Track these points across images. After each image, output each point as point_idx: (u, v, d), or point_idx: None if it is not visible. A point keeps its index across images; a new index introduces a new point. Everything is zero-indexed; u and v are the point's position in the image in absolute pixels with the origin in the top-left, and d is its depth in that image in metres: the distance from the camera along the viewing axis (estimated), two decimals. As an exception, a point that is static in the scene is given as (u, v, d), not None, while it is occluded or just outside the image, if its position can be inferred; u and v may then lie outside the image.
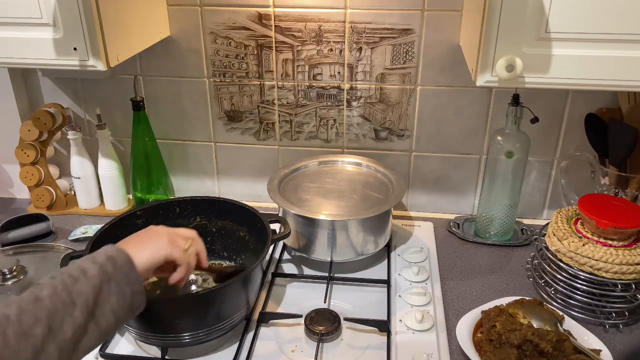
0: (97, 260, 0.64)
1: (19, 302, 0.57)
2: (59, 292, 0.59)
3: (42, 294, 0.58)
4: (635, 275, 0.89)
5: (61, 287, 0.59)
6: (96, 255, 0.65)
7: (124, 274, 0.65)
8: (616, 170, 1.04)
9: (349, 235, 1.03)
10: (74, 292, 0.59)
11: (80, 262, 0.64)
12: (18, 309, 0.56)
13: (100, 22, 0.87)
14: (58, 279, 0.60)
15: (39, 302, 0.57)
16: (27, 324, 0.55)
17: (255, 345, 0.89)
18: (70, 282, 0.60)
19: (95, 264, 0.63)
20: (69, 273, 0.61)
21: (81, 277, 0.61)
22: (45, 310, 0.57)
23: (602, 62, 0.75)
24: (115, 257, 0.65)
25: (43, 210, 1.26)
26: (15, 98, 1.24)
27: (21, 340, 0.54)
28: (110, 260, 0.64)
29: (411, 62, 1.12)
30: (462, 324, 0.89)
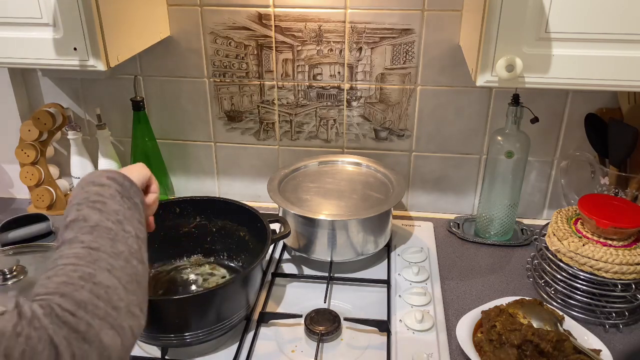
0: (104, 182, 0.63)
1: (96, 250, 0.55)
2: (105, 221, 0.58)
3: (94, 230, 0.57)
4: (635, 275, 0.89)
5: (104, 218, 0.59)
6: (95, 179, 0.64)
7: (132, 190, 0.66)
8: (616, 170, 1.04)
9: (349, 235, 1.03)
10: (111, 212, 0.60)
11: (88, 189, 0.62)
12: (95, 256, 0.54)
13: (100, 22, 0.87)
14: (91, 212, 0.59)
15: (95, 231, 0.56)
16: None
17: (255, 345, 0.89)
18: (101, 207, 0.60)
19: (103, 186, 0.63)
20: (92, 201, 0.60)
21: (104, 199, 0.61)
22: (110, 237, 0.57)
23: (602, 62, 0.75)
24: (115, 178, 0.65)
25: (43, 210, 1.26)
26: (15, 98, 1.24)
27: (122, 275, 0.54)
28: (114, 181, 0.64)
29: (411, 62, 1.12)
30: (462, 324, 0.89)
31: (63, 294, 0.48)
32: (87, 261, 0.52)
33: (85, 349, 0.45)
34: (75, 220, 0.57)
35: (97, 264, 0.52)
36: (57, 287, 0.48)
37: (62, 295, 0.48)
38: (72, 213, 0.58)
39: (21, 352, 0.42)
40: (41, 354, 0.43)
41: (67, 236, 0.56)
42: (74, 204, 0.60)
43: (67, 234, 0.56)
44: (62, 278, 0.50)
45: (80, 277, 0.50)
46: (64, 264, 0.51)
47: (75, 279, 0.50)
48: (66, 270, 0.50)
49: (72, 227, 0.56)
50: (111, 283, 0.51)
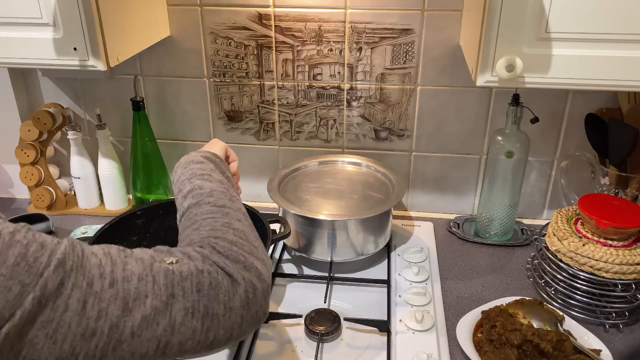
0: (202, 160, 0.73)
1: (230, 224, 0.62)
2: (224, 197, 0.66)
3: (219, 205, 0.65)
4: (635, 275, 0.89)
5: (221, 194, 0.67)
6: (193, 158, 0.74)
7: (222, 165, 0.76)
8: (616, 170, 1.04)
9: (349, 235, 1.03)
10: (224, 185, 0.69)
11: (190, 167, 0.72)
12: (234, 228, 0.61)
13: (100, 22, 0.87)
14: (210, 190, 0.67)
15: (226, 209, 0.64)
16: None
17: (255, 345, 0.89)
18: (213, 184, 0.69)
19: (203, 163, 0.73)
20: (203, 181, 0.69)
21: (209, 172, 0.70)
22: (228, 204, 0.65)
23: (602, 62, 0.75)
24: (209, 156, 0.75)
25: (43, 210, 1.26)
26: (15, 98, 1.24)
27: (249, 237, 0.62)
28: (208, 159, 0.75)
29: (411, 62, 1.12)
30: (462, 324, 0.89)
31: (216, 237, 0.57)
32: (221, 214, 0.61)
33: (248, 275, 0.55)
34: (192, 190, 0.66)
35: (229, 216, 0.61)
36: (208, 233, 0.58)
37: (216, 237, 0.57)
38: (186, 186, 0.67)
39: (209, 284, 0.52)
40: (222, 283, 0.52)
41: (191, 202, 0.64)
42: (184, 179, 0.69)
43: (189, 200, 0.65)
44: (208, 227, 0.59)
45: (222, 225, 0.59)
46: (203, 219, 0.60)
47: (219, 226, 0.59)
48: (208, 222, 0.60)
49: (191, 195, 0.65)
50: (244, 229, 0.61)
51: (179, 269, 0.51)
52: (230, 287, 0.53)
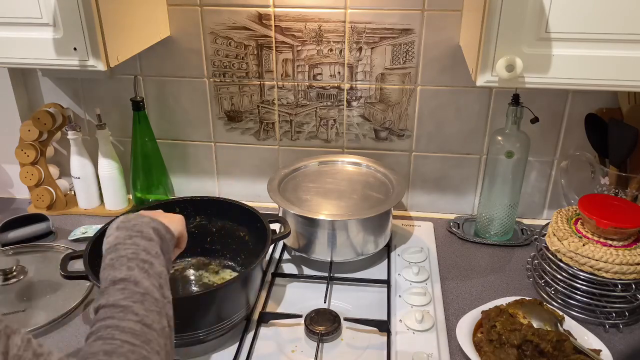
0: (152, 237, 0.67)
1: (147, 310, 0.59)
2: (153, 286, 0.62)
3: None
4: (635, 275, 0.89)
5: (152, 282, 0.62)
6: (142, 229, 0.67)
7: (170, 244, 0.71)
8: (616, 170, 1.04)
9: (349, 235, 1.03)
10: (156, 275, 0.63)
11: (137, 241, 0.65)
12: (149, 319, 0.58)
13: (100, 22, 0.87)
14: (141, 271, 0.62)
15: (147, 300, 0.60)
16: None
17: (255, 345, 0.89)
18: (148, 267, 0.63)
19: (151, 241, 0.66)
20: (141, 260, 0.63)
21: (152, 259, 0.64)
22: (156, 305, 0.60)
23: (602, 62, 0.75)
24: (159, 230, 0.69)
25: (43, 210, 1.26)
26: (15, 98, 1.24)
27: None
28: (157, 234, 0.68)
29: (411, 62, 1.12)
30: (462, 324, 0.89)
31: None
32: (142, 341, 0.55)
33: None
34: (126, 280, 0.60)
35: (149, 345, 0.56)
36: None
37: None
38: (122, 268, 0.61)
39: None
40: None
41: (118, 297, 0.58)
42: (123, 254, 0.63)
43: (118, 294, 0.58)
44: (121, 359, 0.53)
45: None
46: (122, 340, 0.54)
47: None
48: (124, 349, 0.53)
49: (122, 288, 0.59)
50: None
51: None
52: None
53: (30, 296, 0.99)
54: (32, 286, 1.01)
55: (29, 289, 1.01)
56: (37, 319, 0.93)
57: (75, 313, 0.96)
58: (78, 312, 0.96)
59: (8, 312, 0.95)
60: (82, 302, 0.98)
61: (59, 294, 0.99)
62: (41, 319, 0.93)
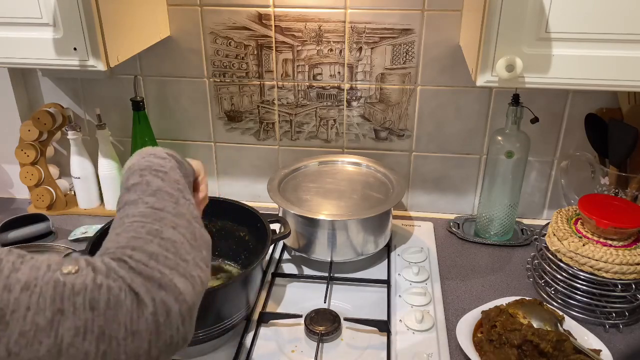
0: (164, 156, 0.65)
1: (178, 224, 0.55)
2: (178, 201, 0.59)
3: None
4: (635, 275, 0.89)
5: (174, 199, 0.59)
6: (156, 152, 0.65)
7: (189, 169, 0.69)
8: (616, 170, 1.04)
9: (349, 235, 1.03)
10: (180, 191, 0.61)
11: (150, 159, 0.63)
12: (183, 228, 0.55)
13: (100, 22, 0.87)
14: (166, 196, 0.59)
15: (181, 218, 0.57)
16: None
17: (255, 345, 0.89)
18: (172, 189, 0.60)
19: (165, 159, 0.64)
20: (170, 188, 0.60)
21: (167, 170, 0.62)
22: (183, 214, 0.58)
23: (602, 62, 0.75)
24: (174, 155, 0.67)
25: (43, 210, 1.26)
26: (15, 98, 1.24)
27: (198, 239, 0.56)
28: (173, 157, 0.66)
29: (411, 62, 1.12)
30: (462, 324, 0.89)
31: (134, 247, 0.49)
32: (153, 219, 0.53)
33: (161, 295, 0.47)
34: (138, 183, 0.58)
35: (162, 222, 0.53)
36: (127, 242, 0.50)
37: (133, 249, 0.49)
38: (134, 177, 0.59)
39: (106, 301, 0.44)
40: (124, 301, 0.45)
41: (129, 197, 0.57)
42: (135, 169, 0.61)
43: (130, 195, 0.57)
44: (131, 234, 0.51)
45: (148, 232, 0.52)
46: (131, 222, 0.53)
47: (143, 234, 0.51)
48: (134, 226, 0.52)
49: (134, 190, 0.58)
50: (177, 239, 0.53)
51: (73, 281, 0.44)
52: (134, 307, 0.45)
53: (30, 296, 0.99)
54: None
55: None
56: (37, 319, 0.93)
57: (75, 313, 0.96)
58: (78, 312, 0.96)
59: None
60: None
61: (59, 294, 0.99)
62: (41, 319, 0.93)
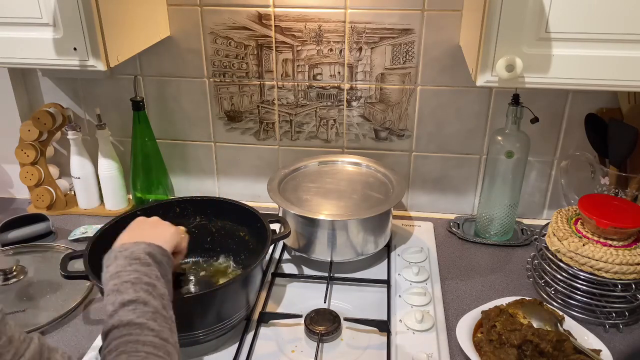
0: (149, 262, 0.70)
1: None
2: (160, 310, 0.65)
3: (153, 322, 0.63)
4: (635, 275, 0.89)
5: (157, 306, 0.65)
6: (140, 256, 0.69)
7: (167, 266, 0.73)
8: (616, 170, 1.04)
9: (349, 235, 1.03)
10: (160, 296, 0.67)
11: (137, 268, 0.68)
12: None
13: (100, 22, 0.87)
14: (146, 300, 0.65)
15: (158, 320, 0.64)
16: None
17: (255, 345, 0.89)
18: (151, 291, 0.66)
19: (150, 266, 0.69)
20: (146, 285, 0.66)
21: (154, 282, 0.67)
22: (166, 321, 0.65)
23: (602, 62, 0.75)
24: (155, 255, 0.71)
25: (43, 210, 1.26)
26: (15, 98, 1.24)
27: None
28: (154, 259, 0.71)
29: (411, 62, 1.12)
30: (462, 324, 0.89)
31: None
32: (164, 352, 0.60)
33: None
34: (136, 301, 0.63)
35: (171, 356, 0.60)
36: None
37: None
38: (129, 291, 0.64)
39: None
40: None
41: (132, 317, 0.61)
42: (127, 279, 0.65)
43: (130, 314, 0.62)
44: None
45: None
46: (147, 352, 0.58)
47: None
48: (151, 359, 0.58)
49: (134, 308, 0.62)
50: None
51: None
52: None
53: (30, 296, 0.99)
54: (32, 286, 1.01)
55: (29, 289, 1.01)
56: (37, 319, 0.93)
57: (75, 313, 0.96)
58: (78, 312, 0.96)
59: (8, 312, 0.95)
60: (82, 302, 0.98)
61: (59, 294, 0.99)
62: (41, 319, 0.93)
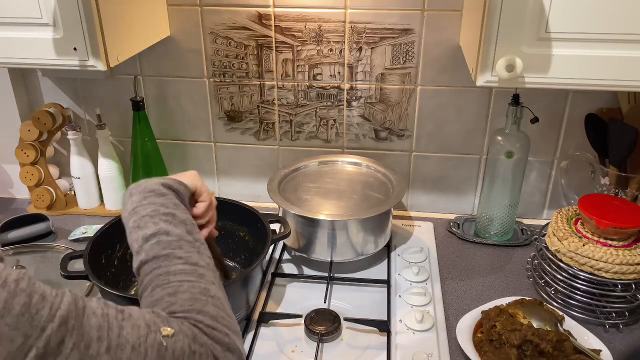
0: (165, 192, 0.68)
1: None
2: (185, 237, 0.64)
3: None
4: (635, 275, 0.89)
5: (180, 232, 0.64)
6: (153, 187, 0.68)
7: (185, 195, 0.72)
8: (616, 170, 1.04)
9: (349, 235, 1.03)
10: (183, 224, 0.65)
11: (152, 200, 0.66)
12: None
13: (100, 22, 0.87)
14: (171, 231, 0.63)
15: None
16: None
17: (255, 345, 0.89)
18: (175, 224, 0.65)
19: (165, 196, 0.67)
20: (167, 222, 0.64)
21: (172, 210, 0.66)
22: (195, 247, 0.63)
23: (602, 62, 0.75)
24: (171, 185, 0.70)
25: (43, 210, 1.26)
26: (15, 98, 1.24)
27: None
28: (170, 189, 0.69)
29: (411, 62, 1.12)
30: (462, 324, 0.89)
31: (199, 311, 0.55)
32: (196, 276, 0.59)
33: (231, 357, 0.54)
34: (157, 234, 0.62)
35: (204, 278, 0.59)
36: (190, 304, 0.56)
37: (198, 312, 0.55)
38: (149, 225, 0.63)
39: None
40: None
41: (158, 251, 0.60)
42: (144, 214, 0.64)
43: (155, 248, 0.61)
44: (187, 294, 0.56)
45: (201, 292, 0.57)
46: (179, 281, 0.58)
47: (197, 294, 0.57)
48: (185, 286, 0.57)
49: (157, 241, 0.61)
50: (220, 294, 0.59)
51: (173, 346, 0.50)
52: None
53: (30, 296, 0.99)
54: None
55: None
56: (37, 319, 0.93)
57: (75, 313, 0.96)
58: (78, 312, 0.96)
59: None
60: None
61: (59, 294, 0.99)
62: (41, 319, 0.93)
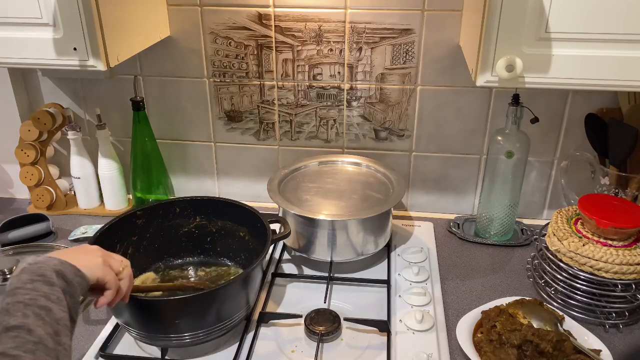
0: (54, 282, 0.63)
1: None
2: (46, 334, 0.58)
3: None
4: (635, 275, 0.89)
5: (44, 327, 0.58)
6: (46, 272, 0.63)
7: (79, 287, 0.66)
8: (616, 170, 1.04)
9: (349, 235, 1.03)
10: (54, 321, 0.60)
11: (37, 286, 0.61)
12: None
13: (100, 22, 0.87)
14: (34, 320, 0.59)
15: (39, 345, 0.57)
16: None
17: (255, 345, 0.89)
18: (45, 314, 0.60)
19: (53, 286, 0.63)
20: (38, 306, 0.60)
21: (51, 305, 0.61)
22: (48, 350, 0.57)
23: (602, 62, 0.75)
24: (65, 275, 0.65)
25: (43, 210, 1.26)
26: (15, 98, 1.24)
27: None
28: (63, 279, 0.64)
29: (411, 62, 1.12)
30: (462, 324, 0.89)
31: None
32: None
33: None
34: (20, 327, 0.57)
35: None
36: None
37: None
38: (17, 315, 0.58)
39: None
40: None
41: (8, 348, 0.55)
42: (20, 301, 0.59)
43: (9, 344, 0.56)
44: None
45: None
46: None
47: None
48: None
49: (16, 336, 0.56)
50: None
51: None
52: None
53: (30, 296, 0.99)
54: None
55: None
56: (37, 319, 0.93)
57: (75, 313, 0.96)
58: (78, 312, 0.96)
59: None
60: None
61: (59, 294, 0.99)
62: (41, 319, 0.93)
